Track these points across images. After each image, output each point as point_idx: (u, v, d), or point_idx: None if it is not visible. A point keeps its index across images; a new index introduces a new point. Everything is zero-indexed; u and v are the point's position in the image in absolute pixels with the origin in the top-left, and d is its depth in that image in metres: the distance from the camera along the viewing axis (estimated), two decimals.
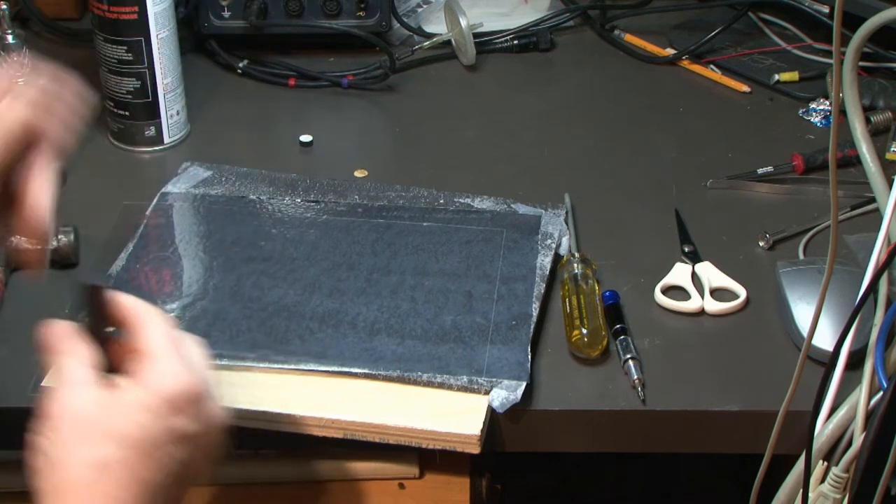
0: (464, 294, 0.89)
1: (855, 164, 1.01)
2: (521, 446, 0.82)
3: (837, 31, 0.66)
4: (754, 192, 1.06)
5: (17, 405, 0.80)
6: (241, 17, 1.23)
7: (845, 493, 0.77)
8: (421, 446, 0.78)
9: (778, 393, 0.78)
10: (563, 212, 0.98)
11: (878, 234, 0.79)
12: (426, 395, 0.80)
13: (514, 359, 0.82)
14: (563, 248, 0.95)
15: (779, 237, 0.98)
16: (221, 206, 0.99)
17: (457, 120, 1.19)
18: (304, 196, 1.01)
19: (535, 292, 0.88)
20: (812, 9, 1.26)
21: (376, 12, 1.24)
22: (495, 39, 1.31)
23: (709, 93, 1.23)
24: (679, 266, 0.94)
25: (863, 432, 0.77)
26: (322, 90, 1.22)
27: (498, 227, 0.96)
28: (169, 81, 1.08)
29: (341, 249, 0.94)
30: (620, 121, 1.19)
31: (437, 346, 0.83)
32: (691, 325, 0.89)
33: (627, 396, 0.82)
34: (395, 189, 1.02)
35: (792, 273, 0.89)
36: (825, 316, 0.81)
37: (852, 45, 0.80)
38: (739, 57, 1.28)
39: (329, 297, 0.88)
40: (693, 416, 0.82)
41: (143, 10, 1.04)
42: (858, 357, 0.80)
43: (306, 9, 1.23)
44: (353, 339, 0.84)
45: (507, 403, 0.79)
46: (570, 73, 1.29)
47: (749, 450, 0.81)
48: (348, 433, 0.78)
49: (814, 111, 1.18)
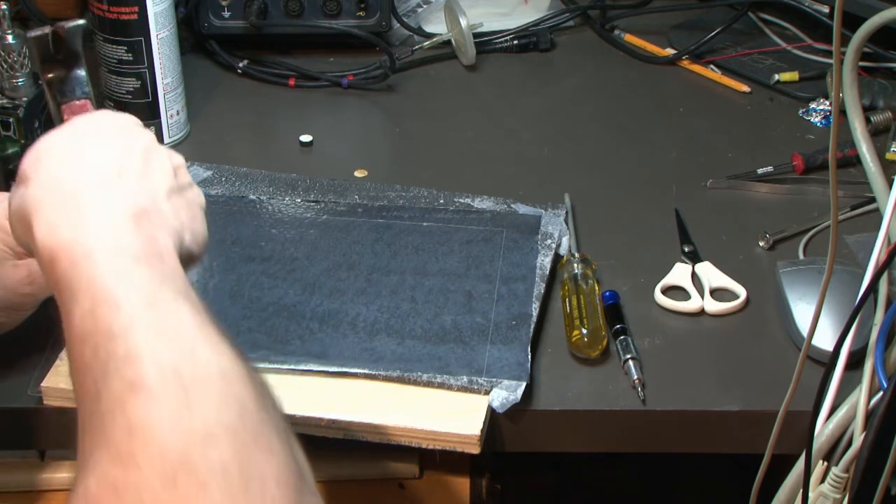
0: (464, 294, 0.89)
1: (855, 164, 1.01)
2: (521, 446, 0.82)
3: (837, 31, 0.66)
4: (754, 192, 1.06)
5: (17, 405, 0.80)
6: (241, 17, 1.23)
7: (845, 493, 0.77)
8: (421, 446, 0.78)
9: (778, 393, 0.78)
10: (563, 212, 0.98)
11: (878, 234, 0.79)
12: (426, 395, 0.80)
13: (514, 359, 0.82)
14: (563, 248, 0.95)
15: (779, 237, 0.98)
16: (221, 206, 0.99)
17: (457, 120, 1.19)
18: (304, 196, 1.01)
19: (535, 292, 0.88)
20: (812, 9, 1.27)
21: (376, 12, 1.24)
22: (495, 39, 1.31)
23: (709, 93, 1.23)
24: (679, 266, 0.94)
25: (863, 432, 0.77)
26: (322, 90, 1.22)
27: (498, 227, 0.96)
28: (169, 81, 1.08)
29: (341, 249, 0.94)
30: (620, 121, 1.19)
31: (437, 346, 0.83)
32: (691, 325, 0.89)
33: (627, 396, 0.82)
34: (395, 189, 1.02)
35: (792, 273, 0.89)
36: (825, 316, 0.80)
37: (852, 45, 0.80)
38: (739, 57, 1.28)
39: (329, 297, 0.88)
40: (693, 416, 0.82)
41: (143, 10, 1.04)
42: (858, 357, 0.79)
43: (306, 9, 1.23)
44: (353, 340, 0.84)
45: (507, 403, 0.79)
46: (570, 73, 1.29)
47: (749, 450, 0.81)
48: (348, 433, 0.78)
49: (814, 111, 1.18)
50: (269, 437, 0.49)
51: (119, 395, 0.48)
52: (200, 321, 0.53)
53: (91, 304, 0.52)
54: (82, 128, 0.62)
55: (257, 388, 0.52)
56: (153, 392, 0.48)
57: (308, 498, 0.49)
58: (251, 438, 0.48)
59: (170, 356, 0.49)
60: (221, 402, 0.49)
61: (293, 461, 0.50)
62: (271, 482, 0.47)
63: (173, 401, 0.48)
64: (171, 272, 0.56)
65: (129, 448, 0.46)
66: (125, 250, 0.54)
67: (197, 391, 0.49)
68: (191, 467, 0.46)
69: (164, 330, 0.51)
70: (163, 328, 0.51)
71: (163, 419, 0.47)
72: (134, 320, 0.51)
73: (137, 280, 0.53)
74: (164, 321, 0.52)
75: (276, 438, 0.50)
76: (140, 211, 0.57)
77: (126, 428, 0.47)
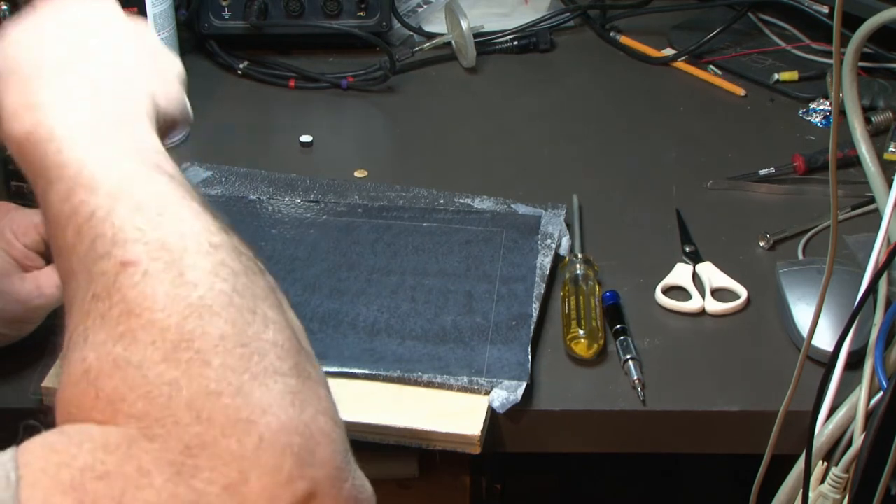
0: (464, 294, 0.89)
1: (855, 165, 1.01)
2: (521, 446, 0.82)
3: (837, 31, 0.66)
4: (754, 192, 1.06)
5: (17, 405, 0.80)
6: (242, 18, 1.23)
7: (845, 494, 0.77)
8: (421, 446, 0.78)
9: (778, 393, 0.78)
10: (563, 212, 0.98)
11: (877, 234, 0.79)
12: (426, 396, 0.80)
13: (515, 359, 0.82)
14: (563, 249, 0.95)
15: (779, 237, 0.98)
16: (221, 206, 0.99)
17: (456, 120, 1.19)
18: (304, 196, 1.01)
19: (536, 292, 0.88)
20: (812, 9, 1.27)
21: (376, 12, 1.24)
22: (495, 40, 1.31)
23: (709, 93, 1.23)
24: (680, 266, 0.94)
25: (863, 432, 0.77)
26: (322, 91, 1.22)
27: (498, 227, 0.96)
28: None
29: (341, 250, 0.94)
30: (620, 121, 1.19)
31: (438, 346, 0.83)
32: (692, 325, 0.89)
33: (627, 397, 0.82)
34: (395, 189, 1.02)
35: (791, 273, 0.89)
36: (825, 316, 0.80)
37: (852, 45, 0.80)
38: (739, 57, 1.28)
39: (329, 297, 0.88)
40: (693, 416, 0.82)
41: (142, 11, 1.04)
42: (858, 357, 0.79)
43: (306, 9, 1.23)
44: (353, 340, 0.84)
45: (507, 404, 0.79)
46: (569, 73, 1.29)
47: (749, 450, 0.81)
48: (348, 433, 0.78)
49: (814, 111, 1.18)
50: (263, 306, 0.49)
51: (111, 276, 0.48)
52: (181, 193, 0.52)
53: (66, 188, 0.51)
54: (45, 6, 0.60)
55: (246, 257, 0.52)
56: (145, 270, 0.47)
57: (307, 368, 0.49)
58: (247, 308, 0.48)
59: (155, 233, 0.49)
60: (214, 274, 0.48)
61: (289, 330, 0.50)
62: (270, 353, 0.47)
63: (165, 277, 0.47)
64: (143, 142, 0.55)
65: (128, 326, 0.46)
66: (91, 125, 0.54)
67: (187, 265, 0.48)
68: (190, 342, 0.46)
69: (147, 206, 0.50)
70: (145, 204, 0.50)
71: (157, 296, 0.47)
72: (114, 200, 0.50)
73: (109, 155, 0.52)
74: (144, 196, 0.51)
75: (270, 308, 0.49)
76: (102, 81, 0.56)
77: (123, 308, 0.47)
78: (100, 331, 0.47)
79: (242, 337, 0.47)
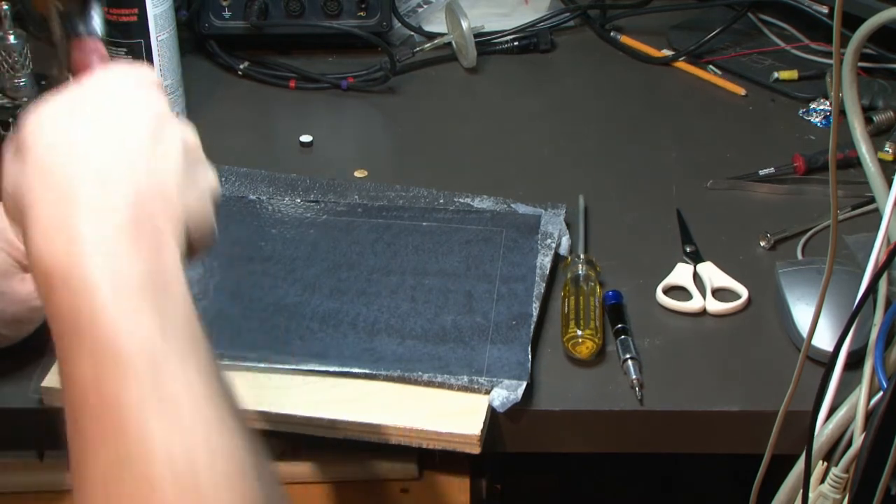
0: (464, 294, 0.89)
1: (855, 165, 1.01)
2: (521, 446, 0.82)
3: (837, 31, 0.66)
4: (755, 192, 1.06)
5: (17, 405, 0.80)
6: (242, 18, 1.23)
7: (845, 494, 0.77)
8: (421, 446, 0.78)
9: (778, 393, 0.78)
10: (563, 211, 0.98)
11: (877, 234, 0.79)
12: (426, 396, 0.80)
13: (515, 359, 0.82)
14: (563, 248, 0.95)
15: (780, 237, 0.98)
16: (221, 206, 0.99)
17: (457, 120, 1.19)
18: (304, 196, 1.01)
19: (536, 292, 0.88)
20: (811, 9, 1.27)
21: (377, 12, 1.24)
22: (495, 40, 1.31)
23: (709, 93, 1.23)
24: (681, 266, 0.94)
25: (863, 432, 0.77)
26: (322, 91, 1.22)
27: (498, 226, 0.96)
28: (169, 84, 1.08)
29: (341, 249, 0.94)
30: (621, 121, 1.19)
31: (438, 346, 0.83)
32: (693, 325, 0.89)
33: (627, 397, 0.81)
34: (395, 189, 1.02)
35: (791, 273, 0.89)
36: (825, 316, 0.80)
37: (852, 45, 0.80)
38: (739, 57, 1.28)
39: (329, 297, 0.88)
40: (693, 416, 0.82)
41: (142, 12, 1.04)
42: (858, 357, 0.79)
43: (307, 9, 1.23)
44: (353, 340, 0.84)
45: (507, 403, 0.79)
46: (570, 73, 1.29)
47: (749, 450, 0.81)
48: (349, 434, 0.78)
49: (814, 111, 1.18)
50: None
51: (131, 492, 0.46)
52: (211, 391, 0.50)
53: (91, 349, 0.48)
54: (84, 94, 0.55)
55: (265, 478, 0.51)
56: (167, 496, 0.46)
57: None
58: None
59: (182, 449, 0.47)
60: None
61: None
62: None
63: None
64: (175, 304, 0.51)
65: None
66: (127, 276, 0.50)
67: (210, 492, 0.47)
68: None
69: (176, 410, 0.48)
70: (174, 409, 0.48)
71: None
72: (143, 395, 0.47)
73: (144, 327, 0.49)
74: (174, 396, 0.48)
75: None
76: (142, 203, 0.52)
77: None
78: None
79: None
